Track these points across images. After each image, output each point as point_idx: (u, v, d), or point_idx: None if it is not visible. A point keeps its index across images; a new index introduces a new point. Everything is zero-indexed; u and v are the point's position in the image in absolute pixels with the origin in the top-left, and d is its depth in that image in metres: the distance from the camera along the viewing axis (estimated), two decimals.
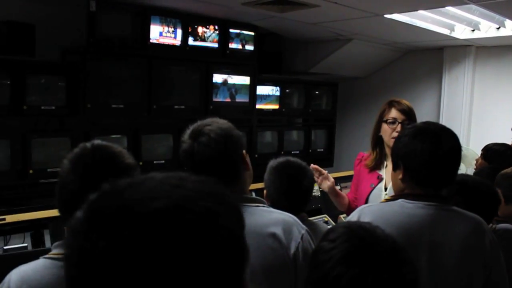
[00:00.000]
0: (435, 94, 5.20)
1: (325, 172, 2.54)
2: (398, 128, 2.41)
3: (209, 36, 4.05)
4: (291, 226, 1.55)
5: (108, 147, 1.37)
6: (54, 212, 2.41)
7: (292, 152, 5.00)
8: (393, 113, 2.48)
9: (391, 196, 1.72)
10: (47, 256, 1.29)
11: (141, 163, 3.67)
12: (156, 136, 3.87)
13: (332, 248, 0.95)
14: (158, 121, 3.97)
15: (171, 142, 3.93)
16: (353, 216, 1.65)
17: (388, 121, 2.48)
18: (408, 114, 2.49)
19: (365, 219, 1.59)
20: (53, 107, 3.31)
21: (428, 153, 1.56)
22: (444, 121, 5.02)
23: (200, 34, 3.99)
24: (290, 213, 1.91)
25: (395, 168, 1.69)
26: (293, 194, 1.95)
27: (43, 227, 2.62)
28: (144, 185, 0.63)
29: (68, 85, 3.38)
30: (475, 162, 3.17)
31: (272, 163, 2.01)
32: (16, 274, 1.26)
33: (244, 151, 1.62)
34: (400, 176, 1.63)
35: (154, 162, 3.81)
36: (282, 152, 4.92)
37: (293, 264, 1.52)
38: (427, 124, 1.64)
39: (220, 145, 1.53)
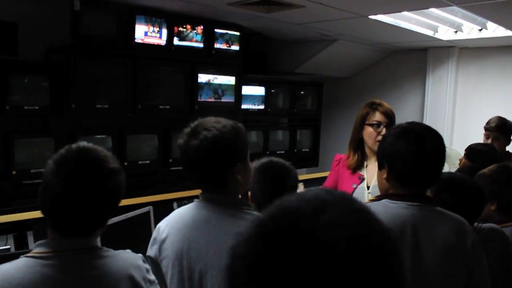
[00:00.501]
0: (419, 94, 5.26)
1: None
2: (383, 131, 2.43)
3: (194, 36, 4.04)
4: None
5: (93, 150, 1.36)
6: (37, 214, 2.39)
7: (278, 152, 5.02)
8: (377, 116, 2.50)
9: (376, 197, 1.74)
10: (29, 255, 1.28)
11: (126, 164, 3.65)
12: (141, 136, 3.85)
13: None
14: (143, 121, 3.95)
15: (156, 142, 3.91)
16: None
17: (373, 124, 2.49)
18: (391, 117, 2.51)
19: None
20: (37, 107, 3.27)
21: (411, 153, 1.58)
22: (427, 121, 5.08)
23: (185, 34, 3.98)
24: None
25: (380, 168, 1.70)
26: (277, 195, 1.95)
27: (26, 229, 2.59)
28: (325, 211, 0.64)
29: (52, 85, 3.34)
30: (458, 162, 3.21)
31: (255, 164, 2.00)
32: None
33: (239, 163, 1.59)
34: (385, 175, 1.65)
35: (139, 162, 3.79)
36: (268, 152, 4.94)
37: None
38: (412, 125, 1.66)
39: (208, 152, 1.54)
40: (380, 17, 3.56)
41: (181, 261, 1.56)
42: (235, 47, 4.38)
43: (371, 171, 2.51)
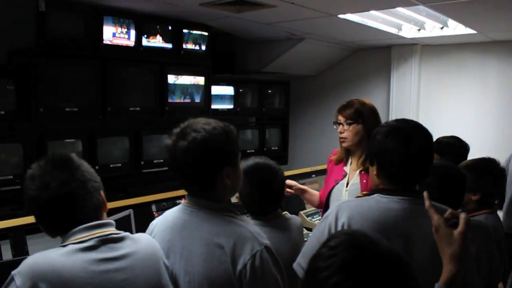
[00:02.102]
0: (384, 90, 5.39)
1: (293, 183, 2.67)
2: (340, 129, 2.64)
3: (162, 37, 4.00)
4: (244, 241, 1.49)
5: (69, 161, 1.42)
6: (14, 222, 2.31)
7: (248, 151, 5.04)
8: (337, 116, 2.71)
9: (367, 191, 1.78)
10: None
11: (97, 167, 3.58)
12: (111, 139, 3.78)
13: (332, 256, 0.89)
14: (113, 123, 3.88)
15: (127, 145, 3.85)
16: (331, 213, 1.68)
17: (335, 124, 2.71)
18: (349, 114, 2.65)
19: (343, 214, 1.63)
20: (2, 112, 3.16)
21: (398, 153, 1.61)
22: (393, 115, 5.22)
23: (153, 34, 3.93)
24: (264, 213, 1.94)
25: (371, 164, 1.75)
26: (265, 198, 1.95)
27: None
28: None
29: (18, 89, 3.23)
30: None
31: (241, 166, 1.99)
32: None
33: (228, 167, 1.56)
34: (375, 172, 1.70)
35: (111, 165, 3.72)
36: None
37: (238, 281, 1.47)
38: (400, 123, 1.69)
39: (195, 154, 1.51)
40: (348, 16, 3.63)
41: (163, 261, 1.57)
42: (204, 47, 4.36)
43: (353, 169, 2.60)
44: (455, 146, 3.11)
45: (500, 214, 2.59)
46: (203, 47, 4.35)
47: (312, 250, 1.67)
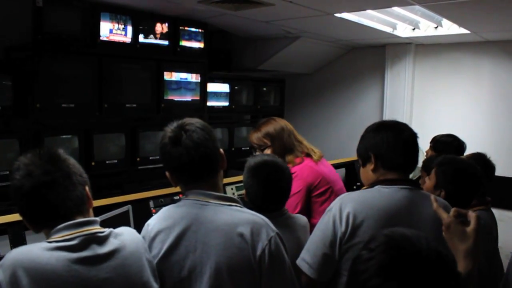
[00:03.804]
0: (378, 89, 5.43)
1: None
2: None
3: (159, 34, 4.00)
4: (260, 227, 1.56)
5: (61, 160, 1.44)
6: (13, 217, 2.31)
7: (243, 148, 5.06)
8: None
9: (368, 185, 1.83)
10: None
11: (93, 164, 3.59)
12: (108, 135, 3.78)
13: (370, 258, 0.91)
14: (110, 120, 3.89)
15: (123, 141, 3.85)
16: (334, 205, 1.73)
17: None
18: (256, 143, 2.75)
19: (347, 205, 1.69)
20: None
21: (394, 139, 1.74)
22: (387, 114, 5.27)
23: (150, 31, 3.93)
24: (269, 211, 1.96)
25: (364, 163, 1.81)
26: (271, 195, 1.98)
27: None
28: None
29: (14, 84, 3.23)
30: (425, 154, 3.35)
31: (249, 162, 2.01)
32: None
33: (220, 150, 1.68)
34: (372, 167, 1.77)
35: (107, 162, 3.73)
36: (233, 149, 4.97)
37: (258, 266, 1.52)
38: (383, 121, 1.84)
39: (206, 141, 1.58)
40: (344, 15, 3.65)
41: (170, 258, 1.57)
42: (200, 45, 4.37)
43: None
44: (453, 144, 3.16)
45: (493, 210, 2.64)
46: (199, 45, 4.37)
47: (316, 244, 1.71)
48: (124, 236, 1.46)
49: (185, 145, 1.57)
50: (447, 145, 3.07)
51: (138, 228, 1.65)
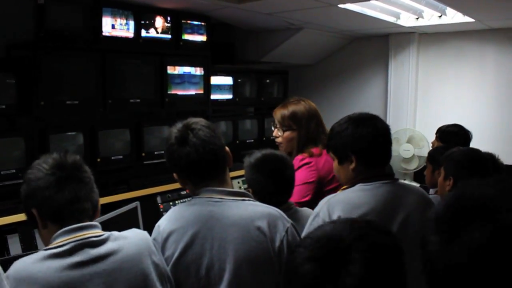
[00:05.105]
0: (382, 78, 5.40)
1: None
2: (274, 133, 2.72)
3: (161, 28, 3.98)
4: (276, 219, 1.58)
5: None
6: (22, 217, 2.32)
7: (247, 141, 5.06)
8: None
9: (349, 184, 1.85)
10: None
11: (99, 160, 3.59)
12: (113, 131, 3.77)
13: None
14: (114, 116, 3.88)
15: (128, 137, 3.85)
16: (321, 209, 1.76)
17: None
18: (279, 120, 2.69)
19: (335, 208, 1.72)
20: (3, 106, 3.14)
21: (372, 136, 1.79)
22: (391, 104, 5.25)
23: (152, 26, 3.91)
24: (277, 204, 1.97)
25: (342, 161, 1.83)
26: (278, 187, 1.99)
27: (5, 233, 2.51)
28: None
29: (18, 82, 3.22)
30: (431, 144, 3.34)
31: (249, 160, 2.02)
32: None
33: (226, 148, 1.69)
34: (352, 166, 1.80)
35: (112, 158, 3.72)
36: (238, 142, 4.96)
37: (277, 258, 1.55)
38: (359, 114, 1.87)
39: (212, 138, 1.59)
40: (348, 6, 3.62)
41: (186, 258, 1.57)
42: (203, 38, 4.35)
43: None
44: (459, 134, 3.16)
45: None
46: (202, 38, 4.34)
47: None
48: (127, 240, 1.46)
49: (193, 143, 1.58)
50: (453, 135, 3.06)
51: (147, 223, 1.66)
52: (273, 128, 2.64)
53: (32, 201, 1.41)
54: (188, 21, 4.19)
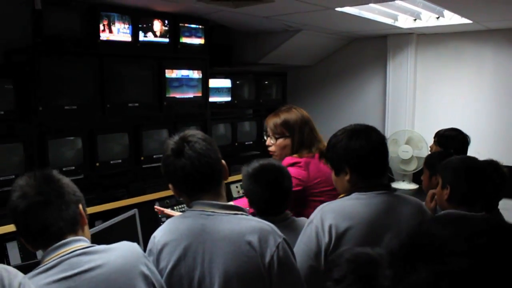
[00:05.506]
0: (380, 79, 5.40)
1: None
2: (267, 142, 2.64)
3: (159, 31, 3.99)
4: (267, 234, 1.58)
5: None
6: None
7: (246, 143, 5.07)
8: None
9: (345, 193, 1.86)
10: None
11: (98, 164, 3.59)
12: (111, 135, 3.78)
13: None
14: (113, 120, 3.89)
15: (126, 141, 3.85)
16: (315, 217, 1.77)
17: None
18: (271, 128, 2.62)
19: (328, 216, 1.73)
20: (2, 112, 3.15)
21: (365, 149, 1.79)
22: (390, 105, 5.25)
23: (150, 29, 3.92)
24: (274, 214, 1.97)
25: (338, 173, 1.84)
26: (275, 198, 1.99)
27: (5, 240, 2.51)
28: None
29: (16, 88, 3.22)
30: (430, 148, 3.35)
31: (246, 170, 2.02)
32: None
33: (223, 161, 1.69)
34: (347, 177, 1.81)
35: (111, 162, 3.73)
36: (236, 144, 4.97)
37: (267, 273, 1.55)
38: (355, 126, 1.87)
39: (208, 151, 1.59)
40: (346, 9, 3.63)
41: (179, 270, 1.59)
42: (201, 41, 4.35)
43: None
44: (457, 138, 3.16)
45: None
46: (200, 41, 4.34)
47: (301, 257, 1.75)
48: (115, 252, 1.46)
49: (188, 156, 1.58)
50: (452, 139, 3.07)
51: (145, 230, 1.67)
52: (265, 137, 2.62)
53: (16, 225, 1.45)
54: (186, 24, 4.19)
